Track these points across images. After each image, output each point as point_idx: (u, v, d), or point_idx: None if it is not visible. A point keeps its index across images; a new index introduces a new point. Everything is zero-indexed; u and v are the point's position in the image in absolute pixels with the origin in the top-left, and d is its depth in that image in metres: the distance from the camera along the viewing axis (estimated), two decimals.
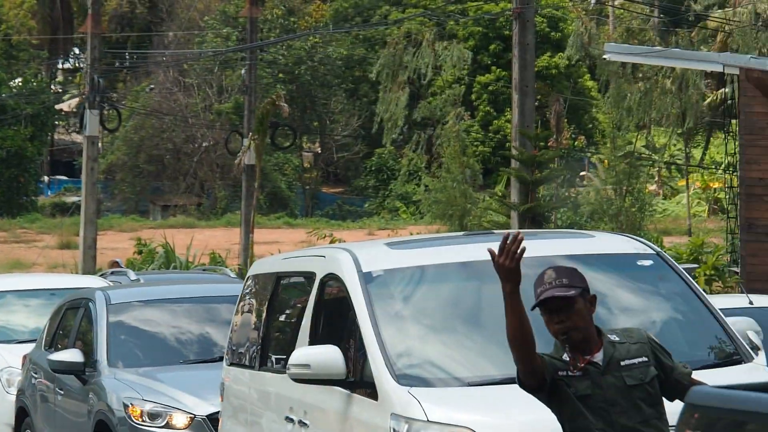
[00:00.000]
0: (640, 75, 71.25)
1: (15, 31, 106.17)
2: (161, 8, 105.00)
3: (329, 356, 13.98)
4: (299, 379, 14.26)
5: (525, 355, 9.84)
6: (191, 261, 58.51)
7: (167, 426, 19.27)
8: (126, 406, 19.38)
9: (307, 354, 14.20)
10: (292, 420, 15.02)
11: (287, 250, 55.66)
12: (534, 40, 41.26)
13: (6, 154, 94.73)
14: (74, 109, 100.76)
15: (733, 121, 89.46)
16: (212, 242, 68.29)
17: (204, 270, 42.83)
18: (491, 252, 9.94)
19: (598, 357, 10.00)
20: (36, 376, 22.18)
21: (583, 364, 9.98)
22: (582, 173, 77.00)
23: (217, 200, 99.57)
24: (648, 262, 14.67)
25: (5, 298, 26.25)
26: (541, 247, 14.74)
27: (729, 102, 75.11)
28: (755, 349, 14.15)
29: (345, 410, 14.09)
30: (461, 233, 17.37)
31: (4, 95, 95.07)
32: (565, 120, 69.85)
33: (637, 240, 15.22)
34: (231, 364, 16.94)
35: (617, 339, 10.13)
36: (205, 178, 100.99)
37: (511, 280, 9.73)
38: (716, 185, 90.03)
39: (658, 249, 14.89)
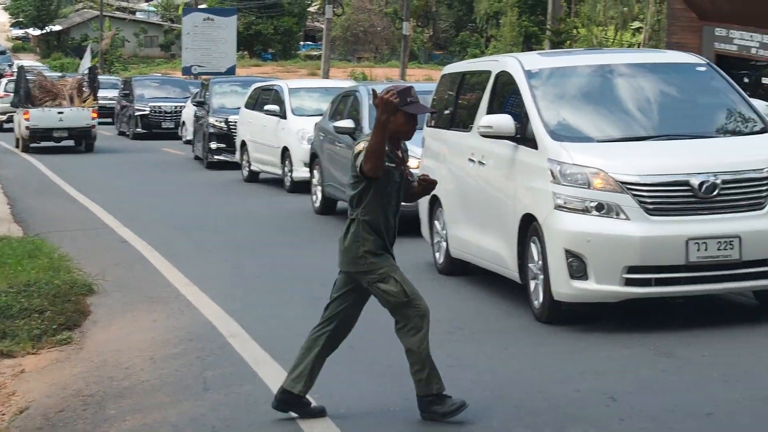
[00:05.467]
0: None
1: None
2: None
3: (505, 120, 10.72)
4: (485, 135, 10.93)
5: (382, 161, 7.09)
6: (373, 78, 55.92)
7: None
8: None
9: (491, 119, 10.91)
10: (473, 161, 11.68)
11: (416, 78, 55.39)
12: None
13: (283, 29, 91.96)
14: (318, 8, 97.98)
15: None
16: (382, 74, 65.20)
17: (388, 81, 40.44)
18: (375, 91, 7.16)
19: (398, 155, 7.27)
20: (323, 135, 18.91)
21: (399, 158, 7.28)
22: None
23: (383, 55, 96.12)
24: (703, 68, 11.06)
25: (300, 92, 23.27)
26: (630, 58, 11.29)
27: None
28: None
29: (513, 155, 10.73)
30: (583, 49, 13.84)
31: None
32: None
33: (693, 54, 11.60)
34: (430, 126, 13.53)
35: (404, 147, 7.39)
36: (379, 44, 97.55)
37: (390, 112, 6.99)
38: None
39: (708, 60, 11.29)
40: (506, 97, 11.34)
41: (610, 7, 65.93)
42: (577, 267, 9.62)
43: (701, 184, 9.50)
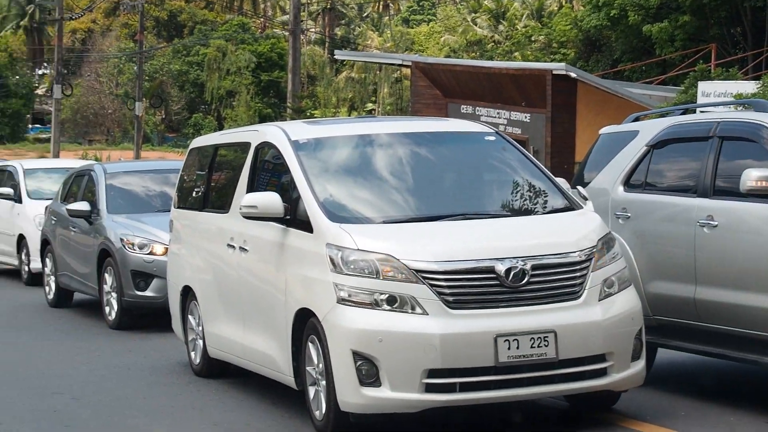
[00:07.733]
0: None
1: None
2: None
3: (272, 199, 8.92)
4: (248, 216, 9.10)
5: None
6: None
7: (150, 253, 14.20)
8: (122, 240, 14.41)
9: (255, 198, 9.04)
10: (233, 246, 9.84)
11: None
12: None
13: (11, 112, 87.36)
14: (46, 90, 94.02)
15: None
16: (117, 155, 61.57)
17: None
18: None
19: None
20: (55, 219, 16.96)
21: None
22: None
23: (115, 137, 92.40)
24: (492, 138, 9.57)
25: (37, 173, 21.20)
26: (410, 126, 9.68)
27: None
28: (585, 199, 9.13)
29: (282, 240, 8.91)
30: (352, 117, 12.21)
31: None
32: None
33: (479, 123, 10.11)
34: (178, 208, 11.68)
35: None
36: (111, 126, 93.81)
37: None
38: None
39: (497, 129, 9.86)
40: (270, 172, 9.63)
41: (342, 88, 65.54)
42: (368, 372, 7.90)
43: (508, 270, 7.96)
